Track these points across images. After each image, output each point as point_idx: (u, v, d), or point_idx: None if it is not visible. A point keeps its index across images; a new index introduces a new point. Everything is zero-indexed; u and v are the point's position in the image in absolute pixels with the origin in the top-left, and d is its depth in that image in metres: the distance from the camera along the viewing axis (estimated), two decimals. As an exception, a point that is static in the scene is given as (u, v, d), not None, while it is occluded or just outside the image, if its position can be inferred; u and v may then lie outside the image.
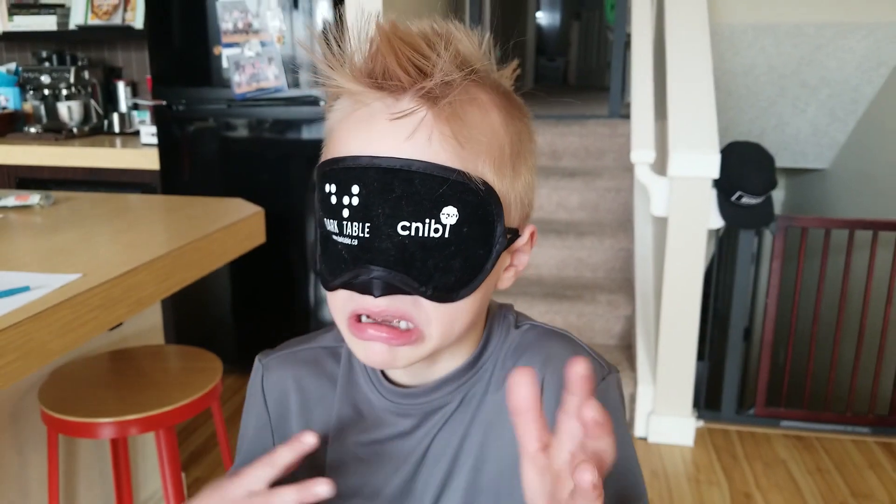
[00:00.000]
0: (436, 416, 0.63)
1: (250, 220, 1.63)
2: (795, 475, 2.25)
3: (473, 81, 0.54)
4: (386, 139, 0.52)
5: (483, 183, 0.53)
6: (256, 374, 0.70)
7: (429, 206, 0.52)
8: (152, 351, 1.63)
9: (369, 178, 0.52)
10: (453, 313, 0.56)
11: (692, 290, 2.33)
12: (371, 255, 0.53)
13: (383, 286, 0.53)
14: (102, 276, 1.17)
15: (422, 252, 0.53)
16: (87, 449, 1.69)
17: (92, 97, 3.30)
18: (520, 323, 0.66)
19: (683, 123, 2.29)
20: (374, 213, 0.52)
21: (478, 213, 0.53)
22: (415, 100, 0.51)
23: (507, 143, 0.55)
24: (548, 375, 0.61)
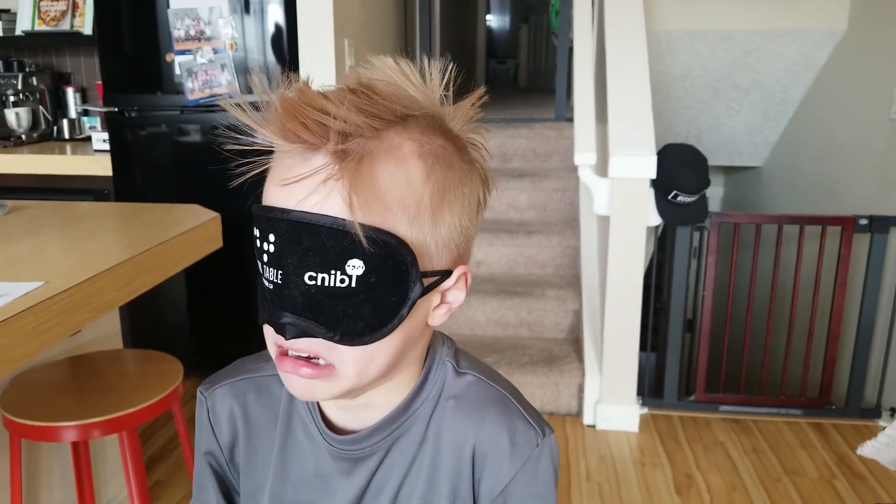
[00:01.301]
0: (368, 463, 0.66)
1: (207, 225, 1.68)
2: (733, 456, 2.39)
3: (398, 128, 0.56)
4: (296, 193, 0.54)
5: (388, 234, 0.54)
6: (202, 408, 0.72)
7: (334, 259, 0.54)
8: (112, 355, 1.67)
9: (282, 229, 0.54)
10: (368, 355, 0.58)
11: (633, 283, 2.46)
12: (282, 301, 0.56)
13: (293, 330, 0.56)
14: (65, 283, 1.21)
15: (329, 300, 0.55)
16: (49, 453, 1.71)
17: (40, 103, 3.27)
18: (461, 368, 0.68)
19: (622, 127, 2.41)
20: (286, 262, 0.55)
21: (386, 263, 0.55)
22: (328, 156, 0.53)
23: (426, 193, 0.56)
24: (480, 440, 0.65)
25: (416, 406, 0.66)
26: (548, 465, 0.66)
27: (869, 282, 2.46)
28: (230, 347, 2.86)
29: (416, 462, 0.67)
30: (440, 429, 0.66)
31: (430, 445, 0.66)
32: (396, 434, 0.66)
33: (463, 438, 0.66)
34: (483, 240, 3.08)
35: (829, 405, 2.58)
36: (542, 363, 2.68)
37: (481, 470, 0.66)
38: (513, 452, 0.65)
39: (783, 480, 2.24)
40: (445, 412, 0.66)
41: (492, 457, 0.65)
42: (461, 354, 0.70)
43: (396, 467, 0.67)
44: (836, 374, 2.61)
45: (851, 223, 2.44)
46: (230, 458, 0.73)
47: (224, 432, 0.72)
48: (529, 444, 0.65)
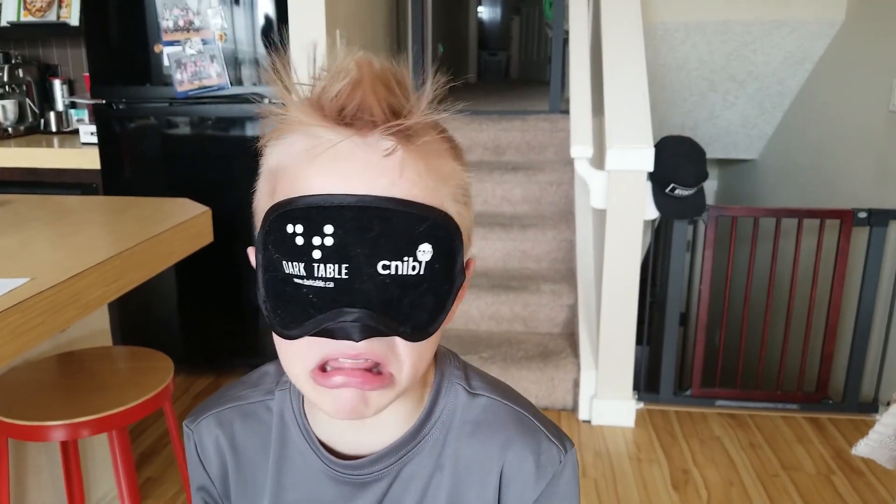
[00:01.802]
0: (373, 488, 0.63)
1: (198, 219, 1.64)
2: (730, 451, 2.38)
3: (430, 127, 0.55)
4: (360, 176, 0.50)
5: (450, 218, 0.53)
6: (189, 442, 0.69)
7: (406, 244, 0.50)
8: (101, 353, 1.63)
9: (344, 218, 0.49)
10: (422, 352, 0.55)
11: (630, 278, 2.44)
12: (351, 298, 0.50)
13: (364, 329, 0.51)
14: (50, 280, 1.18)
15: (401, 290, 0.51)
16: (37, 451, 1.68)
17: (27, 96, 3.21)
18: (474, 389, 0.65)
19: (619, 119, 2.38)
20: (353, 252, 0.50)
21: (447, 248, 0.53)
22: (385, 137, 0.50)
23: (460, 179, 0.56)
24: (507, 464, 0.63)
25: (427, 430, 0.63)
26: (570, 479, 0.65)
27: (867, 275, 2.45)
28: (221, 343, 2.83)
29: (430, 489, 0.63)
30: (458, 456, 0.63)
31: (447, 473, 0.63)
32: (406, 459, 0.63)
33: (488, 465, 0.63)
34: (477, 234, 3.05)
35: (826, 399, 2.57)
36: (536, 358, 2.65)
37: (506, 493, 0.64)
38: (538, 474, 0.63)
39: (780, 476, 2.23)
40: (462, 438, 0.63)
41: (517, 480, 0.63)
42: (471, 372, 0.67)
43: (409, 494, 0.63)
44: (834, 369, 2.59)
45: (850, 216, 2.42)
46: (223, 492, 0.69)
47: (213, 465, 0.68)
48: (553, 463, 0.63)
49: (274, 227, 0.52)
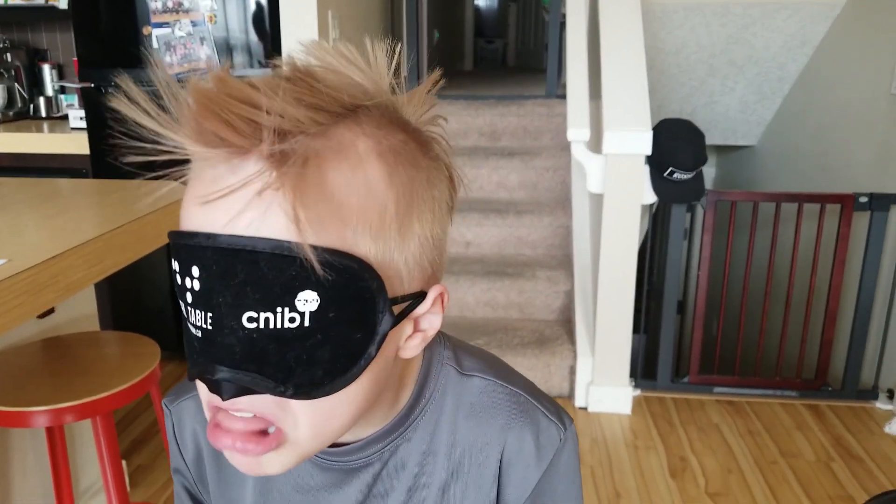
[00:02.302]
0: (363, 474, 0.59)
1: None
2: (728, 438, 2.35)
3: (347, 121, 0.45)
4: (224, 212, 0.42)
5: (349, 256, 0.43)
6: (168, 422, 0.65)
7: (279, 293, 0.42)
8: (87, 338, 1.60)
9: (208, 260, 0.42)
10: (327, 410, 0.47)
11: (628, 264, 2.40)
12: (215, 352, 0.44)
13: (231, 388, 0.44)
14: (29, 261, 1.14)
15: (276, 346, 0.44)
16: (21, 437, 1.65)
17: (16, 81, 3.16)
18: (466, 370, 0.61)
19: (617, 102, 2.34)
20: (216, 301, 0.43)
21: (346, 292, 0.44)
22: (261, 160, 0.42)
23: (389, 199, 0.45)
24: (506, 448, 0.59)
25: (417, 413, 0.59)
26: (571, 456, 0.62)
27: (868, 261, 2.42)
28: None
29: (423, 475, 0.60)
30: (454, 441, 0.60)
31: (441, 459, 0.60)
32: (396, 444, 0.59)
33: (486, 451, 0.60)
34: (472, 220, 3.02)
35: (825, 386, 2.54)
36: (532, 345, 2.63)
37: (506, 476, 0.60)
38: (538, 455, 0.60)
39: (779, 463, 2.20)
40: (458, 422, 0.59)
41: (517, 462, 0.60)
42: (461, 352, 0.62)
43: (401, 479, 0.60)
44: (833, 355, 2.57)
45: (851, 201, 2.39)
46: (197, 476, 0.65)
47: (188, 449, 0.64)
48: (553, 443, 0.60)
49: (170, 256, 0.47)
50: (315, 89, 0.44)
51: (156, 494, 2.02)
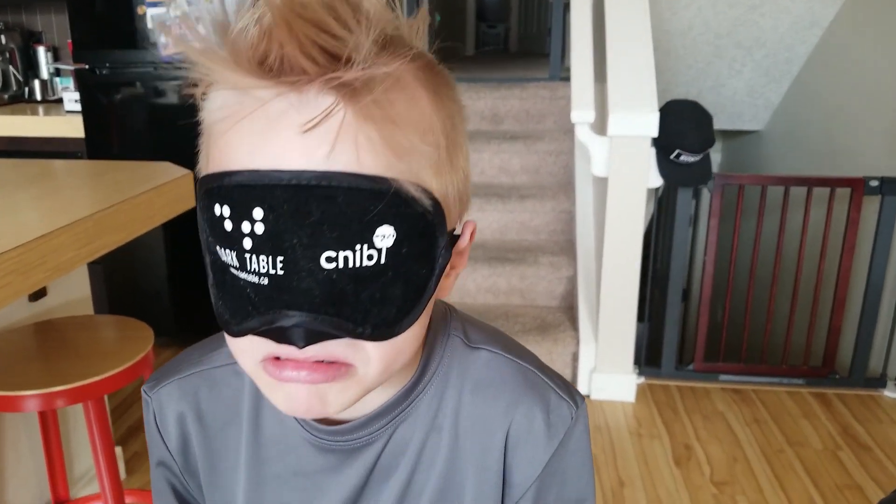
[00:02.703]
0: (364, 454, 0.56)
1: (178, 182, 1.56)
2: (734, 426, 2.32)
3: (388, 54, 0.42)
4: (295, 148, 0.40)
5: (422, 190, 0.43)
6: (147, 410, 0.61)
7: (359, 229, 0.41)
8: (80, 321, 1.56)
9: (277, 200, 0.40)
10: (396, 348, 0.46)
11: (632, 249, 2.36)
12: (290, 297, 0.41)
13: (308, 334, 0.42)
14: (17, 241, 1.10)
15: (354, 286, 0.42)
16: (15, 423, 1.62)
17: (11, 63, 3.12)
18: (473, 342, 0.58)
19: (622, 83, 2.29)
20: (289, 242, 0.40)
21: (418, 226, 0.43)
22: (326, 93, 0.39)
23: (440, 133, 0.45)
24: (514, 425, 0.56)
25: (422, 388, 0.56)
26: (582, 435, 0.58)
27: (878, 246, 2.37)
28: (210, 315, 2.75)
29: (426, 451, 0.56)
30: (458, 416, 0.56)
31: (446, 435, 0.56)
32: (398, 420, 0.56)
33: (491, 426, 0.56)
34: (474, 205, 2.97)
35: (832, 374, 2.50)
36: (534, 331, 2.59)
37: (513, 456, 0.57)
38: (549, 434, 0.56)
39: (786, 452, 2.17)
40: (463, 397, 0.56)
41: (526, 441, 0.56)
42: (468, 324, 0.60)
43: (403, 458, 0.56)
44: (841, 342, 2.53)
45: (861, 185, 2.34)
46: (184, 466, 0.61)
47: (172, 437, 0.60)
48: (564, 421, 0.57)
49: (204, 205, 0.43)
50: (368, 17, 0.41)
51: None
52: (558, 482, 0.58)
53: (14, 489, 1.63)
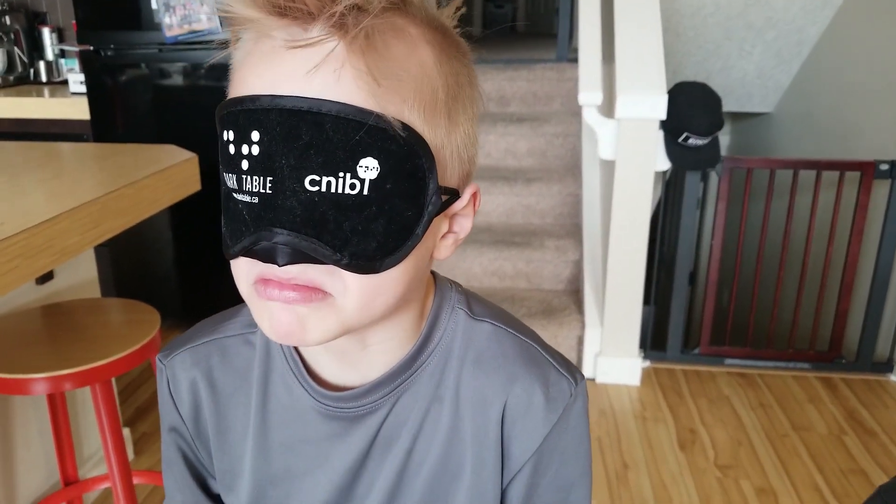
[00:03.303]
0: (368, 422, 0.57)
1: (183, 165, 1.56)
2: (739, 410, 2.32)
3: (399, 11, 0.47)
4: (290, 76, 0.44)
5: (408, 129, 0.45)
6: (161, 378, 0.64)
7: (343, 157, 0.44)
8: (87, 304, 1.57)
9: (271, 122, 0.44)
10: (376, 286, 0.48)
11: (639, 232, 2.35)
12: (274, 215, 0.45)
13: (289, 253, 0.45)
14: (23, 224, 1.11)
15: (335, 212, 0.45)
16: (24, 406, 1.64)
17: (16, 45, 3.11)
18: (476, 312, 0.60)
19: (631, 65, 2.27)
20: (278, 164, 0.44)
21: (404, 166, 0.45)
22: (325, 29, 0.43)
23: (440, 84, 0.48)
24: (512, 398, 0.57)
25: (425, 357, 0.58)
26: (581, 412, 0.60)
27: (887, 230, 2.35)
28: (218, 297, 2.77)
29: (427, 421, 0.58)
30: (459, 386, 0.58)
31: (447, 405, 0.58)
32: (402, 389, 0.57)
33: (490, 398, 0.57)
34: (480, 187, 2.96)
35: (839, 359, 2.50)
36: (540, 315, 2.59)
37: (511, 430, 0.58)
38: (548, 408, 0.57)
39: (791, 436, 2.17)
40: (465, 368, 0.58)
41: (524, 416, 0.57)
42: (473, 298, 0.61)
43: (405, 427, 0.58)
44: (848, 327, 2.52)
45: (871, 168, 2.32)
46: (195, 432, 0.64)
47: (185, 403, 0.63)
48: (563, 397, 0.58)
49: (219, 132, 0.47)
50: None
51: (160, 463, 2.01)
52: (556, 460, 0.59)
53: (24, 471, 1.65)
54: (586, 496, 0.61)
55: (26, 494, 1.65)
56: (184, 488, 0.65)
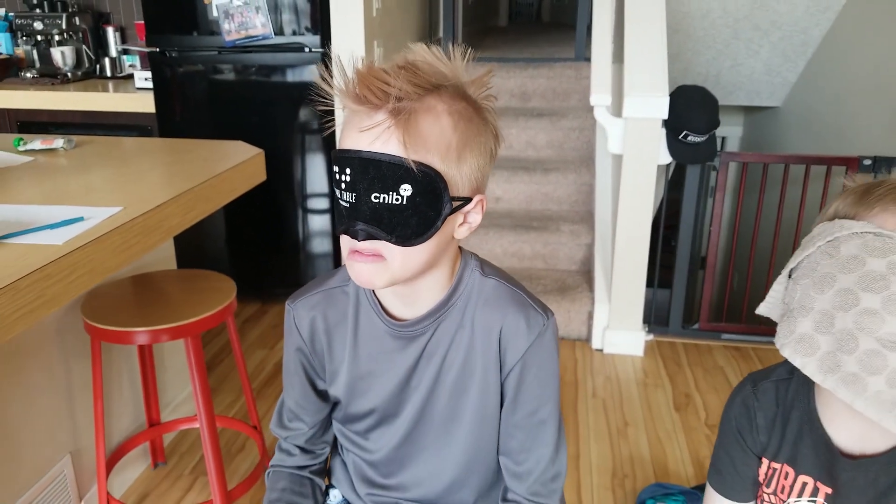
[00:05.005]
0: (419, 340, 0.90)
1: (253, 160, 1.86)
2: (731, 379, 2.58)
3: (434, 94, 0.76)
4: (364, 139, 0.75)
5: (429, 167, 0.75)
6: (289, 315, 0.97)
7: (391, 184, 0.75)
8: (170, 274, 1.86)
9: (355, 164, 0.75)
10: (411, 253, 0.79)
11: (643, 219, 2.62)
12: (356, 215, 0.77)
13: (364, 234, 0.78)
14: (140, 209, 1.41)
15: (388, 213, 0.76)
16: (119, 358, 1.95)
17: (83, 42, 3.43)
18: (486, 272, 0.91)
19: (638, 69, 2.52)
20: (358, 186, 0.76)
21: (427, 187, 0.76)
22: (385, 113, 0.74)
23: (454, 140, 0.77)
24: (505, 325, 0.89)
25: (454, 300, 0.90)
26: (551, 337, 0.91)
27: (867, 219, 2.59)
28: (266, 274, 3.08)
29: (455, 340, 0.91)
30: (474, 318, 0.90)
31: (466, 330, 0.90)
32: (440, 320, 0.90)
33: (491, 325, 0.90)
34: (501, 177, 3.23)
35: (824, 334, 2.74)
36: (554, 292, 2.87)
37: (506, 345, 0.90)
38: (528, 331, 0.89)
39: (774, 400, 2.43)
40: (477, 307, 0.90)
41: (513, 336, 0.89)
42: (485, 264, 0.94)
43: (441, 343, 0.91)
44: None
45: (856, 163, 2.56)
46: (312, 350, 0.97)
47: (305, 331, 0.96)
48: (538, 325, 0.90)
49: (332, 165, 0.80)
50: (417, 74, 0.76)
51: (223, 412, 2.34)
52: (536, 365, 0.91)
53: (117, 413, 1.96)
54: (555, 390, 0.94)
55: (119, 432, 1.97)
56: (300, 383, 1.00)
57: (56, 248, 1.19)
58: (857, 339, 0.76)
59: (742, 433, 0.99)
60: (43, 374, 1.67)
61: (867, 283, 0.76)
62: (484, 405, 0.92)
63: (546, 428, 0.93)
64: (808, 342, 0.79)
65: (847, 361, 0.76)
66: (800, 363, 0.79)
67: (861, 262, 0.78)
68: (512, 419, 0.93)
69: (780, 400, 0.96)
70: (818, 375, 0.78)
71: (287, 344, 0.99)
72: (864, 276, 0.77)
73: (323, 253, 3.02)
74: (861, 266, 0.77)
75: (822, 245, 0.82)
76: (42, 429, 1.67)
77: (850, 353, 0.76)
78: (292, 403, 1.02)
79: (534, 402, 0.92)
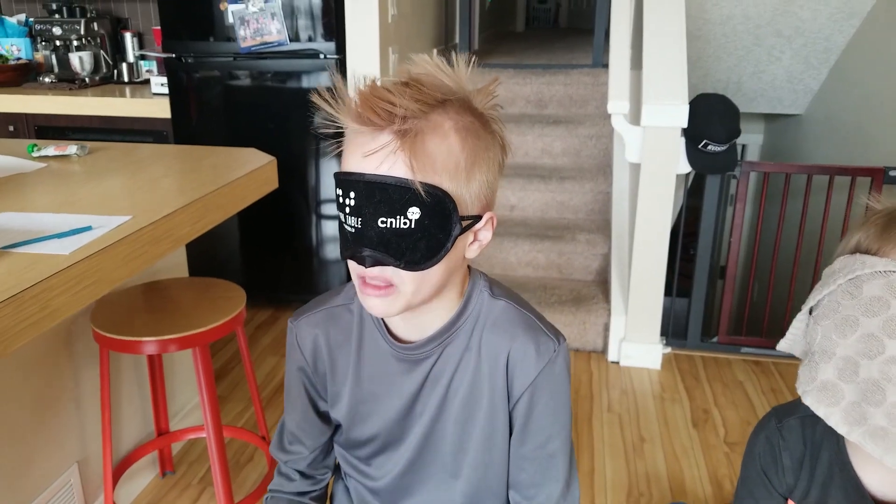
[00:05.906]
0: (424, 364, 0.86)
1: (265, 168, 1.84)
2: (751, 395, 2.53)
3: (440, 110, 0.72)
4: (370, 162, 0.71)
5: (437, 188, 0.72)
6: (291, 334, 0.94)
7: (399, 207, 0.71)
8: (180, 282, 1.85)
9: (360, 188, 0.72)
10: (422, 277, 0.76)
11: (662, 230, 2.57)
12: (363, 240, 0.74)
13: (371, 261, 0.74)
14: (149, 218, 1.39)
15: (396, 238, 0.73)
16: (128, 367, 1.94)
17: (101, 48, 3.44)
18: (495, 293, 0.87)
19: (656, 77, 2.48)
20: (364, 211, 0.72)
21: (436, 209, 0.72)
22: (390, 134, 0.71)
23: (462, 158, 0.73)
24: (513, 350, 0.85)
25: (461, 322, 0.86)
26: (563, 364, 0.87)
27: (893, 232, 2.52)
28: (278, 280, 3.07)
29: (461, 364, 0.87)
30: (480, 342, 0.86)
31: (473, 353, 0.86)
32: (446, 342, 0.86)
33: (499, 350, 0.86)
34: (517, 185, 3.20)
35: (846, 349, 2.67)
36: (570, 303, 2.83)
37: (514, 372, 0.86)
38: (538, 357, 0.85)
39: (795, 417, 2.37)
40: (485, 330, 0.86)
41: (522, 362, 0.85)
42: (494, 284, 0.90)
43: (447, 367, 0.87)
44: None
45: (881, 174, 2.49)
46: (314, 370, 0.94)
47: (307, 350, 0.93)
48: (549, 351, 0.85)
49: (335, 187, 0.76)
50: (421, 91, 0.72)
51: (232, 421, 2.32)
52: (546, 394, 0.86)
53: (126, 421, 1.95)
54: (567, 421, 0.89)
55: (128, 440, 1.96)
56: (301, 405, 0.96)
57: (62, 259, 1.17)
58: (885, 390, 0.71)
59: (767, 473, 0.95)
60: (51, 382, 1.66)
61: (893, 329, 0.72)
62: (492, 433, 0.88)
63: (556, 462, 0.89)
64: (832, 391, 0.75)
65: (874, 414, 0.71)
66: (823, 413, 0.75)
67: (885, 305, 0.73)
68: (521, 450, 0.89)
69: (807, 439, 0.91)
70: (843, 427, 0.73)
71: (289, 363, 0.96)
72: (888, 320, 0.72)
73: (336, 259, 3.00)
74: (886, 309, 0.73)
75: (843, 283, 0.77)
76: (50, 437, 1.66)
77: (878, 405, 0.71)
78: (293, 425, 0.98)
79: (544, 434, 0.88)
